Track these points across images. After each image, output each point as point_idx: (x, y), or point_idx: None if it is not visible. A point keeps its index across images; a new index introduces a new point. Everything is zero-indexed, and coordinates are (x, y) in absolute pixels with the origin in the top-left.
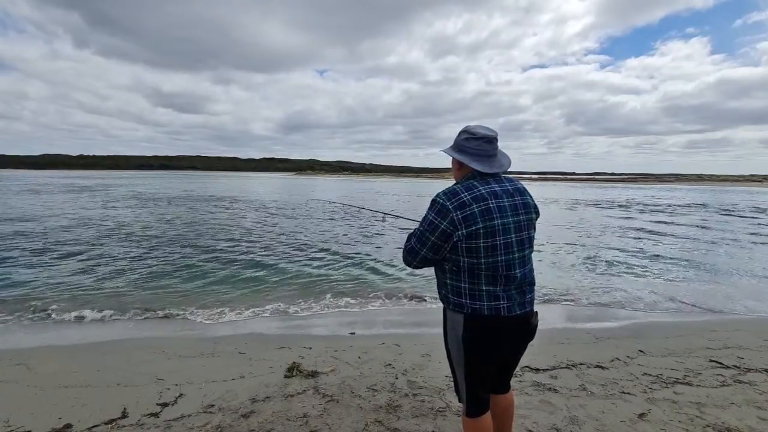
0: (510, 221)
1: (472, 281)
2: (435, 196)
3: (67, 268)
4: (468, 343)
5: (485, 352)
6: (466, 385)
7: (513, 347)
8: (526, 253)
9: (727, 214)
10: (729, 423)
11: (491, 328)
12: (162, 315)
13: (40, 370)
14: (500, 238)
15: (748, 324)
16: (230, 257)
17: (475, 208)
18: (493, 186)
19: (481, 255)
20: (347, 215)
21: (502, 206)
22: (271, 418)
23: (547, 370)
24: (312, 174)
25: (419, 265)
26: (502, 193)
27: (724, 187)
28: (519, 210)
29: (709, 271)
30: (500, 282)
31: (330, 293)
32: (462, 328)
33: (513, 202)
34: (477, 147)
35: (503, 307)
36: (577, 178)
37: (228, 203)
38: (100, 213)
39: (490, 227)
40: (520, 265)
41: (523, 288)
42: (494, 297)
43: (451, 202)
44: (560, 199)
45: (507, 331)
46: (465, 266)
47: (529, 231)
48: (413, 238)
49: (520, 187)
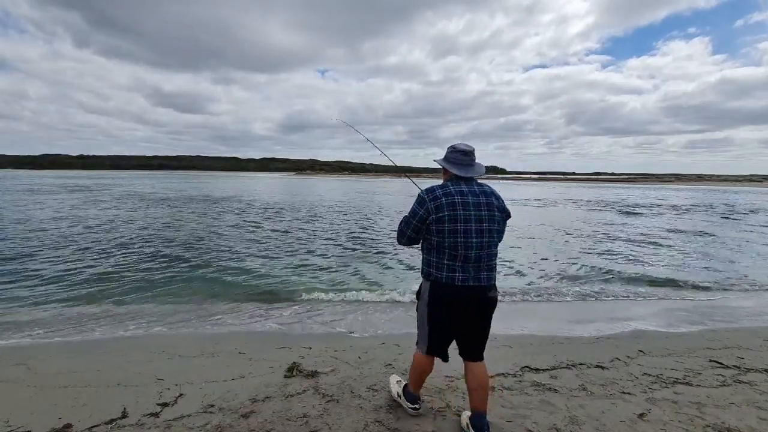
0: (471, 213)
1: (439, 257)
2: (419, 192)
3: (67, 268)
4: (430, 302)
5: (441, 309)
6: (428, 330)
7: (468, 311)
8: (483, 241)
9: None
10: (729, 423)
11: (447, 293)
12: (162, 315)
13: (40, 370)
14: (461, 225)
15: (748, 324)
16: (230, 257)
17: (444, 200)
18: (462, 187)
19: (445, 236)
20: (347, 213)
21: (466, 202)
22: (271, 418)
23: (547, 370)
24: (311, 174)
25: (407, 243)
26: (469, 193)
27: (725, 187)
28: (482, 207)
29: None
30: (459, 259)
31: (330, 293)
32: (428, 291)
33: (477, 200)
34: (457, 158)
35: (458, 277)
36: (576, 179)
37: (228, 204)
38: (100, 213)
39: (453, 215)
40: (477, 248)
41: (480, 267)
42: (452, 269)
43: (428, 195)
44: (560, 200)
45: (460, 297)
46: (434, 244)
47: (489, 224)
48: (402, 222)
49: (487, 191)
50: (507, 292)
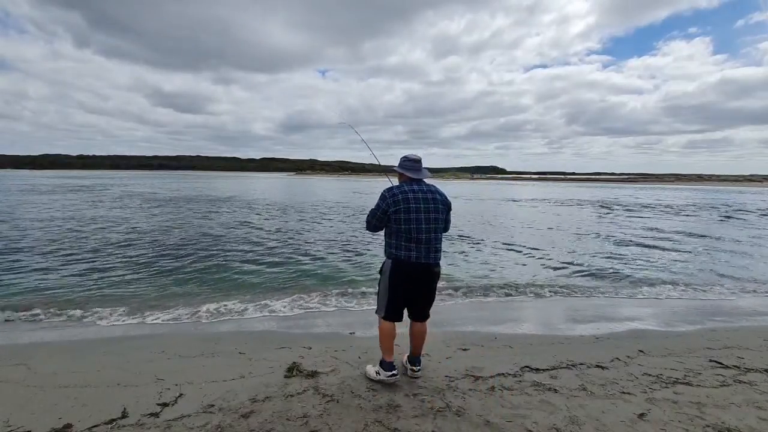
0: (421, 207)
1: (398, 240)
2: (383, 190)
3: (66, 268)
4: (391, 276)
5: (399, 281)
6: (387, 300)
7: (420, 283)
8: (430, 227)
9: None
10: (729, 423)
11: (404, 268)
12: (162, 315)
13: (40, 370)
14: (413, 215)
15: (748, 324)
16: (230, 257)
17: (400, 197)
18: (413, 187)
19: (401, 223)
20: (347, 216)
21: (416, 197)
22: (271, 418)
23: (547, 370)
24: (312, 174)
25: (373, 230)
26: (419, 191)
27: (725, 187)
28: (429, 203)
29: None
30: (413, 242)
31: (330, 293)
32: (389, 267)
33: (425, 197)
34: (409, 165)
35: (412, 256)
36: (576, 179)
37: (228, 204)
38: (100, 213)
39: (407, 208)
40: (425, 233)
41: (429, 248)
42: (408, 249)
43: (388, 193)
44: (560, 200)
45: (414, 271)
46: (394, 230)
47: (435, 214)
48: (369, 215)
49: (432, 189)
50: (507, 291)
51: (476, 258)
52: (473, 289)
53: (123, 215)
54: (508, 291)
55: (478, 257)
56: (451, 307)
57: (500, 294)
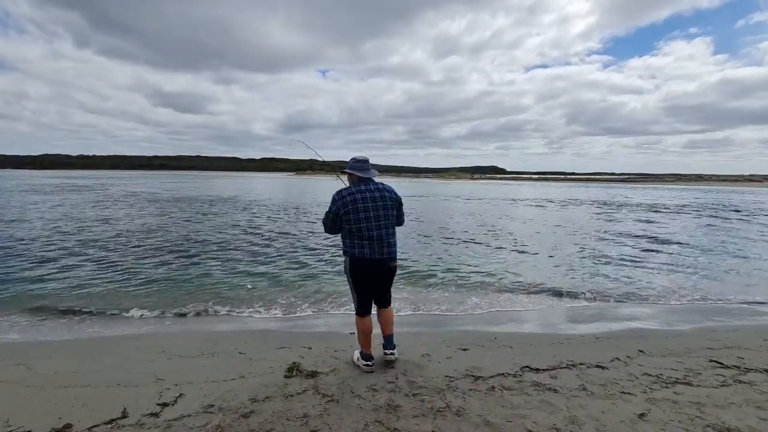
0: (369, 206)
1: (352, 239)
2: (333, 194)
3: (66, 268)
4: (352, 272)
5: (360, 276)
6: (357, 296)
7: (377, 276)
8: (381, 223)
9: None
10: (729, 423)
11: (361, 264)
12: (162, 315)
13: (40, 370)
14: (362, 214)
15: (748, 324)
16: (229, 257)
17: (349, 198)
18: (361, 187)
19: (352, 223)
20: None
21: (365, 197)
22: (271, 418)
23: (547, 370)
24: (311, 174)
25: (329, 231)
26: (366, 190)
27: (725, 187)
28: (377, 201)
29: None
30: (365, 239)
31: (329, 293)
32: (349, 264)
33: (374, 195)
34: (358, 165)
35: (366, 252)
36: (576, 178)
37: (228, 204)
38: (100, 214)
39: (355, 208)
40: (376, 230)
41: (382, 244)
42: (361, 247)
43: (338, 196)
44: (561, 200)
45: (370, 266)
46: (347, 230)
47: (385, 211)
48: (324, 217)
49: (381, 187)
50: (508, 289)
51: (476, 258)
52: (473, 289)
53: (123, 215)
54: (508, 291)
55: (478, 257)
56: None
57: (500, 294)
